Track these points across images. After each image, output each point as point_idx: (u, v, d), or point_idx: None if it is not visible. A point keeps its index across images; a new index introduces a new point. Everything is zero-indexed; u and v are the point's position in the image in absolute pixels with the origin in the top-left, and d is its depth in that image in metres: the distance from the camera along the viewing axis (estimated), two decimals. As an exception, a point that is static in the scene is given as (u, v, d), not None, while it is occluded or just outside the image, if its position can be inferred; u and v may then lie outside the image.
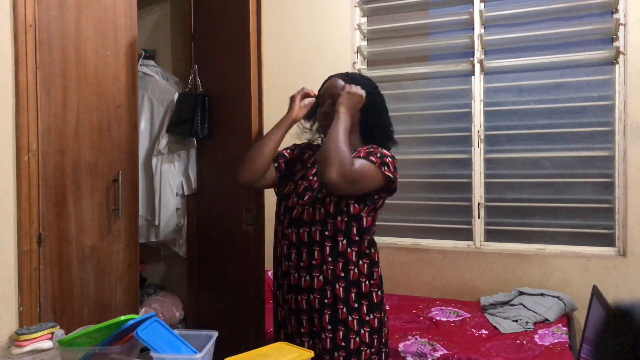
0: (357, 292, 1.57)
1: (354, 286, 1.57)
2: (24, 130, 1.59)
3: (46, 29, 1.68)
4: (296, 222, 1.61)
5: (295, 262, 1.60)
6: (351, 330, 1.55)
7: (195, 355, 1.30)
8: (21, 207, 1.58)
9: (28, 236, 1.60)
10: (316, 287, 1.56)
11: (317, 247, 1.57)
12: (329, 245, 1.56)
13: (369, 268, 1.59)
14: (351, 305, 1.56)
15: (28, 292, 1.60)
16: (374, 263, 1.61)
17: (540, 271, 2.92)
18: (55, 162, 1.72)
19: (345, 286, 1.56)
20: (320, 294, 1.56)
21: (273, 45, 3.52)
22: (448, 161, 3.21)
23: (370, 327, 1.58)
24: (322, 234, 1.56)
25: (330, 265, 1.56)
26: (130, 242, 2.07)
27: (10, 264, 1.56)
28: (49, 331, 1.51)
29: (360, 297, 1.57)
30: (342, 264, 1.56)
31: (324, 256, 1.56)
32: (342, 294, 1.55)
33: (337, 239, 1.56)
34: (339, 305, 1.55)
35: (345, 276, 1.56)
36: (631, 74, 2.76)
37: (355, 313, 1.56)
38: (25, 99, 1.59)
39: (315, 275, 1.56)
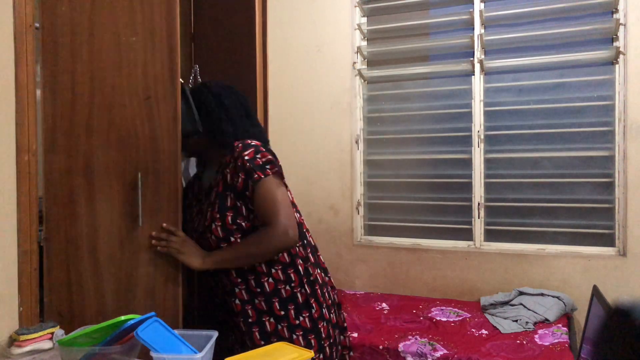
0: (279, 300, 1.54)
1: (275, 296, 1.54)
2: (24, 130, 1.58)
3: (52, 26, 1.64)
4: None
5: (221, 290, 1.62)
6: (283, 340, 1.51)
7: (195, 355, 1.30)
8: (21, 207, 1.58)
9: (28, 236, 1.60)
10: (237, 310, 1.55)
11: (224, 274, 1.57)
12: (235, 270, 1.56)
13: (284, 272, 1.55)
14: (277, 314, 1.53)
15: (28, 292, 1.59)
16: (289, 265, 1.56)
17: (540, 271, 2.92)
18: (61, 162, 1.68)
19: (265, 299, 1.54)
20: (242, 316, 1.55)
21: (273, 45, 3.52)
22: (448, 161, 3.21)
23: (303, 330, 1.55)
24: None
25: (241, 285, 1.55)
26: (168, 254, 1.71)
27: (11, 264, 1.56)
28: (49, 331, 1.51)
29: (284, 303, 1.54)
30: (254, 280, 1.54)
31: (232, 280, 1.56)
32: (265, 306, 1.54)
33: None
34: (264, 318, 1.54)
35: (262, 290, 1.54)
36: (631, 74, 2.76)
37: (284, 321, 1.54)
38: (26, 99, 1.59)
39: (232, 301, 1.56)
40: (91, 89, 1.69)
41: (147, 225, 1.69)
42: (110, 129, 1.69)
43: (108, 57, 1.70)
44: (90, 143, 1.69)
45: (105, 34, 1.69)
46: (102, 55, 1.70)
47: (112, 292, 1.71)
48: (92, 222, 1.70)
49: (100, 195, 1.70)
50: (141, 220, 1.69)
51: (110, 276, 1.71)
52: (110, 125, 1.69)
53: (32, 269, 1.60)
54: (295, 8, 3.45)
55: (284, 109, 3.50)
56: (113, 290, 1.71)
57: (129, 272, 1.70)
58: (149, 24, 1.71)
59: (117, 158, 1.69)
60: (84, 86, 1.69)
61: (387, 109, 3.34)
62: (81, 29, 1.70)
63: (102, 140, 1.69)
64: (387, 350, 2.31)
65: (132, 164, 1.69)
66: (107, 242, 1.71)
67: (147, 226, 1.69)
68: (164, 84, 1.72)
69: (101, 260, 1.70)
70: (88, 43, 1.69)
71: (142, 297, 1.71)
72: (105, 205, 1.70)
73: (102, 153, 1.70)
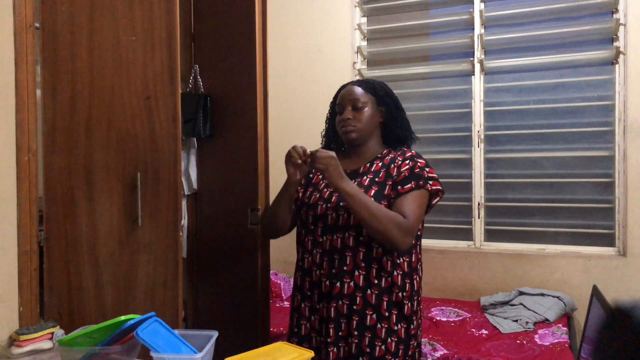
0: (388, 301, 1.54)
1: (386, 294, 1.54)
2: (24, 130, 1.58)
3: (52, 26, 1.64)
4: (330, 228, 1.57)
5: (326, 269, 1.56)
6: (377, 338, 1.52)
7: (195, 355, 1.30)
8: (21, 207, 1.58)
9: (28, 236, 1.60)
10: (346, 293, 1.53)
11: (350, 253, 1.54)
12: (363, 251, 1.53)
13: (402, 279, 1.56)
14: (382, 313, 1.54)
15: (28, 292, 1.59)
16: (407, 275, 1.57)
17: (540, 271, 2.92)
18: (60, 162, 1.67)
19: (378, 293, 1.53)
20: (349, 300, 1.53)
21: (273, 45, 3.51)
22: (448, 161, 3.21)
23: (398, 337, 1.55)
24: (356, 240, 1.53)
25: (362, 271, 1.53)
26: (167, 255, 1.73)
27: (11, 264, 1.56)
28: (49, 331, 1.51)
29: (391, 305, 1.55)
30: (376, 270, 1.54)
31: (356, 262, 1.53)
32: (373, 300, 1.53)
33: (372, 245, 1.53)
34: (368, 311, 1.53)
35: (378, 283, 1.53)
36: (631, 74, 2.76)
37: (385, 322, 1.54)
38: (26, 99, 1.59)
39: (346, 281, 1.53)
40: (91, 89, 1.69)
41: (147, 225, 1.69)
42: (110, 129, 1.69)
43: (108, 57, 1.70)
44: (90, 143, 1.69)
45: (105, 34, 1.69)
46: (102, 55, 1.70)
47: (112, 291, 1.71)
48: (92, 222, 1.70)
49: (100, 195, 1.70)
50: (140, 220, 1.69)
51: (110, 276, 1.71)
52: (109, 125, 1.69)
53: (32, 269, 1.60)
54: (295, 8, 3.45)
55: (285, 108, 3.50)
56: (112, 290, 1.71)
57: (129, 272, 1.70)
58: (148, 25, 1.71)
59: (116, 158, 1.69)
60: (83, 86, 1.69)
61: (387, 109, 3.34)
62: (81, 29, 1.70)
63: (102, 140, 1.70)
64: (387, 350, 2.31)
65: (131, 164, 1.69)
66: (107, 242, 1.71)
67: (147, 226, 1.69)
68: (163, 84, 1.71)
69: (101, 260, 1.71)
70: (88, 43, 1.69)
71: (142, 297, 1.71)
72: (105, 205, 1.71)
73: (102, 153, 1.70)
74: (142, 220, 1.69)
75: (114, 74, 1.69)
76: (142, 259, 1.70)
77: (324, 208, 1.58)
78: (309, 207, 1.62)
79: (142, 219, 1.69)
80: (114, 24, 1.70)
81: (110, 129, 1.69)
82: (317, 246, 1.59)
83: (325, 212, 1.58)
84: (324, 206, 1.58)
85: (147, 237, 1.72)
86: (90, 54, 1.69)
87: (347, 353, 1.54)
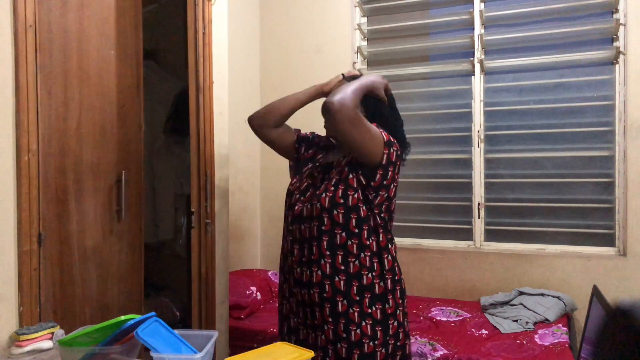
0: (358, 285, 1.56)
1: (355, 279, 1.56)
2: (24, 131, 1.58)
3: (47, 29, 1.67)
4: (298, 218, 1.63)
5: (297, 257, 1.63)
6: (351, 322, 1.54)
7: (195, 355, 1.30)
8: (21, 207, 1.58)
9: (28, 236, 1.60)
10: (315, 281, 1.57)
11: (315, 243, 1.58)
12: (326, 239, 1.57)
13: (370, 260, 1.58)
14: (352, 298, 1.56)
15: (28, 292, 1.59)
16: (375, 254, 1.59)
17: (540, 271, 2.92)
18: (56, 163, 1.71)
19: (345, 279, 1.56)
20: (319, 288, 1.57)
21: (273, 45, 3.52)
22: (448, 161, 3.21)
23: (373, 319, 1.56)
24: (319, 229, 1.57)
25: (328, 259, 1.56)
26: (134, 243, 2.04)
27: (11, 264, 1.56)
28: (49, 331, 1.51)
29: (362, 289, 1.56)
30: (342, 256, 1.56)
31: (321, 250, 1.57)
32: (342, 287, 1.55)
33: (335, 232, 1.56)
34: (338, 298, 1.55)
35: (345, 269, 1.56)
36: (631, 74, 2.76)
37: (357, 305, 1.56)
38: (26, 99, 1.59)
39: (314, 270, 1.58)
40: (80, 93, 1.81)
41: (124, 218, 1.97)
42: (95, 133, 1.86)
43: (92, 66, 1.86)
44: (80, 144, 1.80)
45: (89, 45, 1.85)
46: (89, 63, 1.84)
47: (96, 282, 1.88)
48: (81, 219, 1.81)
49: (88, 193, 1.84)
50: (123, 214, 1.95)
51: (95, 267, 1.86)
52: (95, 128, 1.86)
53: (32, 269, 1.60)
54: (295, 8, 3.45)
55: (284, 109, 3.50)
56: (97, 281, 1.88)
57: (109, 261, 1.92)
58: (122, 40, 1.96)
59: (100, 159, 1.88)
60: (74, 90, 1.79)
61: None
62: (72, 34, 1.78)
63: (90, 141, 1.84)
64: (387, 350, 2.31)
65: (113, 164, 1.93)
66: (93, 237, 1.85)
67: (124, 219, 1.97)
68: (132, 94, 2.00)
69: (88, 254, 1.83)
70: (77, 53, 1.80)
71: (116, 281, 1.96)
72: (92, 202, 1.85)
73: (90, 154, 1.84)
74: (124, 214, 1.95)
75: (98, 81, 1.88)
76: (117, 247, 1.95)
77: (297, 198, 1.66)
78: (287, 195, 1.71)
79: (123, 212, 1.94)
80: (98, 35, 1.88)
81: (95, 132, 1.87)
82: (289, 234, 1.67)
83: (296, 202, 1.65)
84: (297, 196, 1.66)
85: (122, 229, 1.97)
86: (79, 61, 1.80)
87: (325, 340, 1.56)
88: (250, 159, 3.48)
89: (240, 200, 3.24)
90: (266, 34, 3.54)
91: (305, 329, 1.63)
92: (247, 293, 2.85)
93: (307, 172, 1.72)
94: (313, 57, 3.40)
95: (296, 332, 1.65)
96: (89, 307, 1.84)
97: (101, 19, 1.89)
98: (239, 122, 3.35)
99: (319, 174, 1.68)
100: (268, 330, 2.57)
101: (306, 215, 1.61)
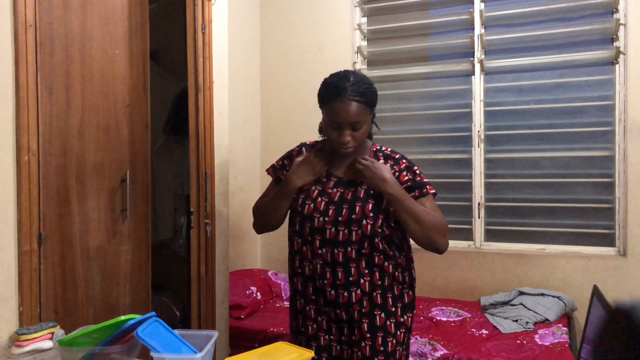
0: (392, 297, 1.59)
1: (389, 291, 1.59)
2: (24, 130, 1.58)
3: (48, 28, 1.67)
4: (329, 242, 1.56)
5: (330, 280, 1.57)
6: (389, 334, 1.57)
7: (195, 355, 1.30)
8: (21, 207, 1.58)
9: (28, 236, 1.60)
10: (354, 300, 1.56)
11: (354, 264, 1.55)
12: (365, 260, 1.56)
13: (402, 274, 1.62)
14: (389, 310, 1.58)
15: (28, 292, 1.59)
16: (405, 269, 1.63)
17: (540, 271, 2.92)
18: (57, 162, 1.70)
19: (382, 292, 1.57)
20: (358, 306, 1.56)
21: (273, 45, 3.52)
22: (448, 161, 3.21)
23: (405, 327, 1.61)
24: (358, 252, 1.54)
25: (367, 277, 1.56)
26: (141, 243, 2.02)
27: (11, 264, 1.56)
28: (49, 331, 1.50)
29: (395, 299, 1.60)
30: (379, 273, 1.57)
31: (360, 271, 1.55)
32: (380, 300, 1.57)
33: (374, 254, 1.56)
34: (376, 312, 1.57)
35: (382, 284, 1.57)
36: (631, 74, 2.76)
37: (392, 317, 1.58)
38: (26, 99, 1.59)
39: (353, 290, 1.56)
40: (82, 93, 1.80)
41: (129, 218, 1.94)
42: (98, 132, 1.85)
43: (96, 65, 1.84)
44: (82, 144, 1.79)
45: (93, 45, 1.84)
46: (92, 63, 1.83)
47: (100, 282, 1.86)
48: (84, 219, 1.79)
49: (91, 193, 1.82)
50: (128, 214, 1.91)
51: (98, 268, 1.85)
52: (98, 128, 1.85)
53: (32, 269, 1.60)
54: (295, 8, 3.45)
55: (285, 108, 3.50)
56: (100, 281, 1.86)
57: (113, 261, 1.89)
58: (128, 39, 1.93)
59: (104, 159, 1.86)
60: (76, 90, 1.78)
61: (387, 109, 3.34)
62: (74, 34, 1.78)
63: (92, 141, 1.82)
64: (387, 350, 2.31)
65: (118, 164, 1.90)
66: (96, 236, 1.84)
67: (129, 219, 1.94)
68: (138, 93, 1.97)
69: (91, 255, 1.82)
70: (79, 53, 1.79)
71: (122, 281, 1.94)
72: (95, 202, 1.83)
73: (93, 154, 1.83)
74: (128, 214, 1.91)
75: (102, 81, 1.86)
76: (123, 248, 1.92)
77: (322, 222, 1.56)
78: (304, 218, 1.59)
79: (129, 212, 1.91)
80: (102, 35, 1.86)
81: (99, 131, 1.85)
82: (316, 257, 1.57)
83: (323, 225, 1.56)
84: (321, 219, 1.56)
85: (128, 229, 1.94)
86: (82, 61, 1.80)
87: (361, 356, 1.56)
88: (250, 159, 3.48)
89: (240, 200, 3.23)
90: (266, 34, 3.54)
91: (339, 345, 1.61)
92: (247, 293, 2.85)
93: (317, 190, 1.61)
94: (313, 57, 3.39)
95: (328, 349, 1.61)
96: (93, 308, 1.83)
97: (106, 19, 1.87)
98: (239, 122, 3.36)
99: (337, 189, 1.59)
100: (268, 330, 2.57)
101: (342, 240, 1.54)
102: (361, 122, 1.52)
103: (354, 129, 1.52)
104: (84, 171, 1.80)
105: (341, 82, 1.51)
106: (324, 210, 1.57)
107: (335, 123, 1.52)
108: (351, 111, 1.49)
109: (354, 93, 1.49)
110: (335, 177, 1.62)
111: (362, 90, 1.52)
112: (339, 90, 1.50)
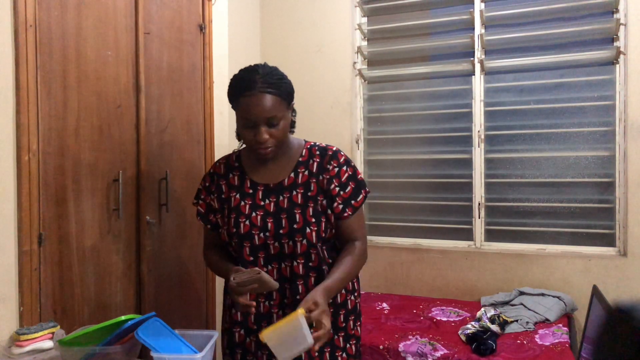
0: (345, 312, 1.55)
1: (342, 307, 1.55)
2: (24, 130, 1.58)
3: (47, 29, 1.68)
4: (274, 257, 1.46)
5: (278, 299, 1.47)
6: (337, 348, 1.54)
7: (195, 355, 1.30)
8: (21, 207, 1.58)
9: (28, 236, 1.60)
10: None
11: (301, 281, 1.46)
12: (314, 276, 1.47)
13: (351, 282, 1.58)
14: (339, 326, 1.54)
15: (28, 292, 1.60)
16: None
17: (540, 271, 2.92)
18: (55, 162, 1.71)
19: (333, 312, 1.51)
20: None
21: (273, 45, 3.52)
22: (448, 161, 3.21)
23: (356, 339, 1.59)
24: (305, 266, 1.45)
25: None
26: (131, 242, 2.05)
27: (11, 264, 1.56)
28: (49, 331, 1.51)
29: (347, 315, 1.56)
30: None
31: (308, 288, 1.45)
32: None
33: (322, 268, 1.47)
34: None
35: (333, 301, 1.49)
36: (631, 74, 2.76)
37: (342, 331, 1.54)
38: (26, 99, 1.59)
39: None
40: (78, 93, 1.81)
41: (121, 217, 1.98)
42: (93, 132, 1.87)
43: (90, 66, 1.86)
44: (78, 144, 1.81)
45: (87, 45, 1.85)
46: (87, 63, 1.85)
47: (94, 281, 1.88)
48: (80, 219, 1.81)
49: (87, 193, 1.84)
50: (121, 213, 1.95)
51: (93, 267, 1.87)
52: (92, 128, 1.87)
53: (32, 269, 1.60)
54: (295, 8, 3.45)
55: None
56: (95, 280, 1.88)
57: (106, 260, 1.93)
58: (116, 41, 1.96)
59: (98, 159, 1.88)
60: (72, 90, 1.79)
61: (387, 109, 3.34)
62: (70, 34, 1.79)
63: (87, 141, 1.84)
64: (387, 350, 2.31)
65: (110, 163, 1.94)
66: (91, 236, 1.86)
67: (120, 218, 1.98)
68: (128, 95, 2.02)
69: (86, 254, 1.84)
70: (75, 53, 1.80)
71: (114, 281, 1.97)
72: (90, 201, 1.85)
73: (88, 154, 1.84)
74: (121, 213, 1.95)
75: (96, 82, 1.88)
76: (115, 247, 1.97)
77: (263, 238, 1.44)
78: (242, 238, 1.46)
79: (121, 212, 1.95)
80: (96, 36, 1.88)
81: (93, 131, 1.87)
82: None
83: (265, 241, 1.45)
84: (261, 235, 1.44)
85: (119, 227, 1.98)
86: (78, 61, 1.81)
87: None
88: (250, 159, 3.48)
89: (241, 200, 3.23)
90: (266, 34, 3.54)
91: None
92: (247, 293, 2.85)
93: (248, 204, 1.48)
94: (313, 57, 3.39)
95: None
96: (88, 307, 1.84)
97: (99, 20, 1.89)
98: (239, 122, 3.36)
99: (269, 199, 1.48)
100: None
101: (288, 253, 1.45)
102: (278, 117, 1.40)
103: (270, 126, 1.40)
104: (80, 171, 1.81)
105: (250, 74, 1.41)
106: (261, 226, 1.44)
107: (249, 121, 1.40)
108: (264, 104, 1.37)
109: (265, 84, 1.39)
110: (261, 185, 1.49)
111: (274, 82, 1.41)
112: (248, 83, 1.39)
